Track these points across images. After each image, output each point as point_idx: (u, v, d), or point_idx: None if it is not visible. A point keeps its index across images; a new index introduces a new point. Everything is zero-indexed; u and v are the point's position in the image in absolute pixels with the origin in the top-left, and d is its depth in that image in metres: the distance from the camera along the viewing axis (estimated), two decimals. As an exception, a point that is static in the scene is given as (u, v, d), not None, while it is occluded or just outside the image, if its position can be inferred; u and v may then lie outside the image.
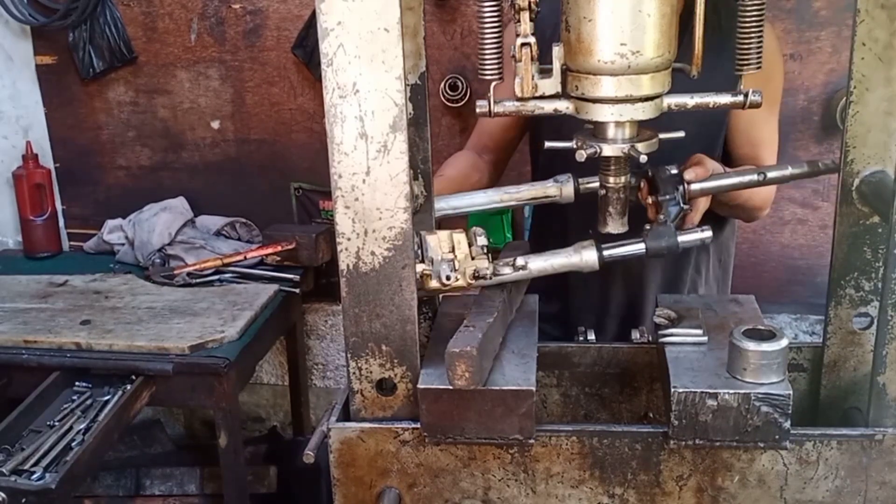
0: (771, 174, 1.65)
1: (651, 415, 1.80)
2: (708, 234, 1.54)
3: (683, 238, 1.55)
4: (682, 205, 1.64)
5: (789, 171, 1.65)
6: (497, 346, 1.49)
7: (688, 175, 1.70)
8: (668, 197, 1.64)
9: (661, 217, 1.62)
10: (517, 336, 1.57)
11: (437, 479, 1.47)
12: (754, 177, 1.65)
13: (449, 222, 1.77)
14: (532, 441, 1.42)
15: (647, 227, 1.58)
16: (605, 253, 1.53)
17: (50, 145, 3.52)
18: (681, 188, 1.64)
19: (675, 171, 1.69)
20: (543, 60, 1.42)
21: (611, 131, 1.45)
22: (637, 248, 1.55)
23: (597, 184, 1.70)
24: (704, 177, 1.72)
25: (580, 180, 1.72)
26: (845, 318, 1.60)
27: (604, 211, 1.55)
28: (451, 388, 1.37)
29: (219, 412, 2.63)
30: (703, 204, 1.84)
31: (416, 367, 1.43)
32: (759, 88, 2.08)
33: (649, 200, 1.69)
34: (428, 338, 1.58)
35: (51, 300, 2.92)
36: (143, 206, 3.34)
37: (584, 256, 1.52)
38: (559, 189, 1.72)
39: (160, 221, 3.21)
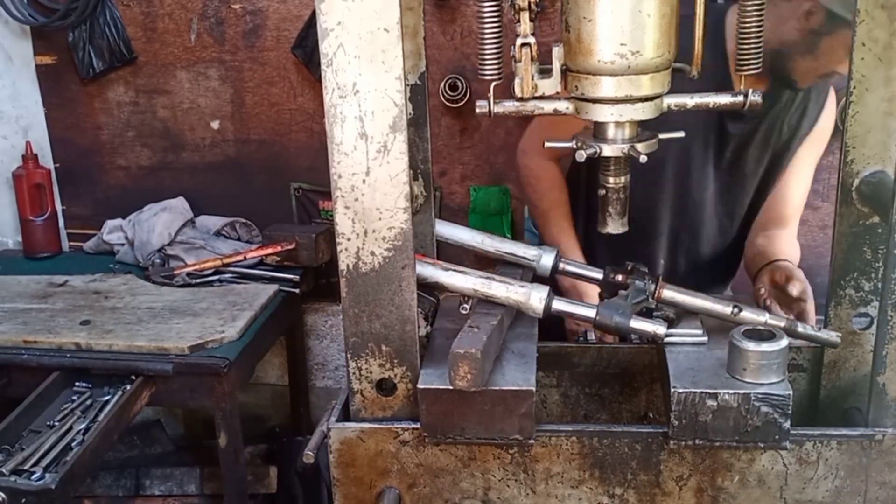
0: (744, 314, 1.56)
1: (651, 415, 1.80)
2: (662, 331, 1.50)
3: (636, 324, 1.50)
4: (647, 297, 1.58)
5: (766, 318, 1.55)
6: (498, 347, 1.49)
7: (795, 291, 2.00)
8: (637, 281, 1.59)
9: (625, 293, 1.58)
10: (517, 336, 1.57)
11: (437, 479, 1.47)
12: (728, 310, 1.56)
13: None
14: (532, 441, 1.42)
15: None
16: (554, 307, 1.51)
17: (50, 145, 3.51)
18: (654, 286, 1.59)
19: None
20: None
21: (611, 131, 1.45)
22: (588, 312, 1.52)
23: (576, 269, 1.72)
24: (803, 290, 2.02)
25: (562, 261, 1.71)
26: (845, 318, 1.60)
27: (604, 211, 1.55)
28: (451, 388, 1.37)
29: (219, 412, 2.63)
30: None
31: (416, 367, 1.43)
32: (810, 146, 2.29)
33: (618, 278, 1.64)
34: (428, 338, 1.58)
35: (50, 300, 2.92)
36: (143, 206, 3.34)
37: (532, 300, 1.50)
38: (539, 256, 1.70)
39: (160, 221, 3.21)
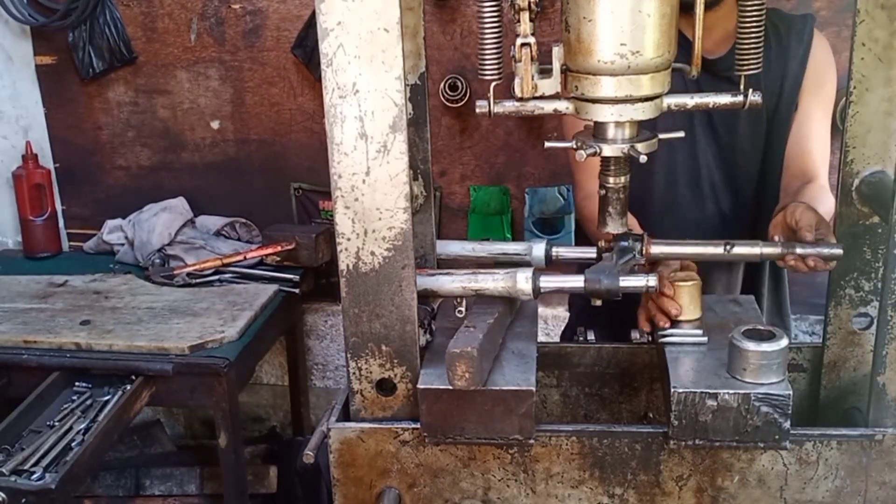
0: (737, 249, 1.56)
1: (651, 415, 1.80)
2: (653, 282, 1.47)
3: (626, 283, 1.49)
4: (635, 254, 1.57)
5: (759, 249, 1.56)
6: (497, 346, 1.49)
7: (808, 236, 1.57)
8: (621, 241, 1.58)
9: (609, 255, 1.57)
10: (517, 336, 1.57)
11: (437, 479, 1.47)
12: (719, 249, 1.56)
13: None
14: (532, 441, 1.42)
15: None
16: (542, 284, 1.50)
17: (50, 145, 3.52)
18: (639, 243, 1.59)
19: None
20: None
21: (610, 131, 1.45)
22: (576, 283, 1.50)
23: (573, 253, 1.70)
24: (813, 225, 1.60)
25: (554, 247, 1.71)
26: (845, 318, 1.60)
27: (603, 211, 1.55)
28: (451, 388, 1.37)
29: (219, 412, 2.63)
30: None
31: (416, 367, 1.43)
32: (816, 91, 2.09)
33: (602, 244, 1.64)
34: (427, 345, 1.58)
35: (51, 300, 2.92)
36: (143, 206, 3.34)
37: (519, 283, 1.49)
38: (529, 249, 1.70)
39: (160, 221, 3.21)
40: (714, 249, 1.57)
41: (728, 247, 1.56)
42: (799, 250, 1.55)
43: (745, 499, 1.45)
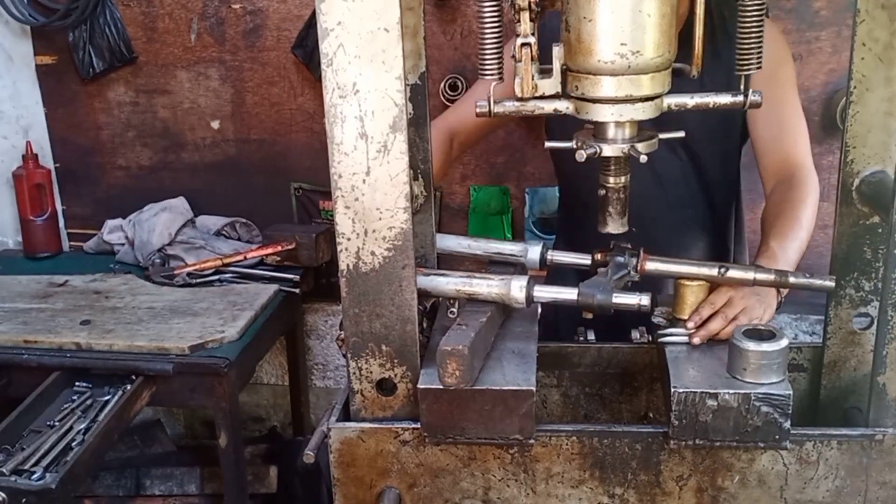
0: (732, 273, 1.57)
1: (651, 415, 1.80)
2: (646, 301, 1.49)
3: (619, 299, 1.50)
4: (629, 270, 1.59)
5: (752, 275, 1.57)
6: (489, 345, 1.49)
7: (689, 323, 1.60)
8: (617, 256, 1.60)
9: (604, 270, 1.58)
10: (517, 336, 1.57)
11: (437, 479, 1.47)
12: (714, 272, 1.58)
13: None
14: (532, 441, 1.42)
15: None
16: (535, 294, 1.51)
17: (50, 145, 3.51)
18: (634, 259, 1.60)
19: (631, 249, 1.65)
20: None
21: (611, 131, 1.45)
22: (569, 295, 1.51)
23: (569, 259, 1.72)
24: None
25: (550, 251, 1.72)
26: (845, 318, 1.60)
27: (604, 211, 1.55)
28: (451, 388, 1.37)
29: (219, 412, 2.63)
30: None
31: (416, 367, 1.43)
32: (770, 75, 1.99)
33: (598, 256, 1.67)
34: (428, 338, 1.58)
35: (51, 300, 2.92)
36: (143, 206, 3.34)
37: (513, 291, 1.50)
38: (525, 251, 1.71)
39: (160, 221, 3.21)
40: (708, 271, 1.59)
41: (722, 269, 1.57)
42: (792, 279, 1.57)
43: (745, 499, 1.45)
